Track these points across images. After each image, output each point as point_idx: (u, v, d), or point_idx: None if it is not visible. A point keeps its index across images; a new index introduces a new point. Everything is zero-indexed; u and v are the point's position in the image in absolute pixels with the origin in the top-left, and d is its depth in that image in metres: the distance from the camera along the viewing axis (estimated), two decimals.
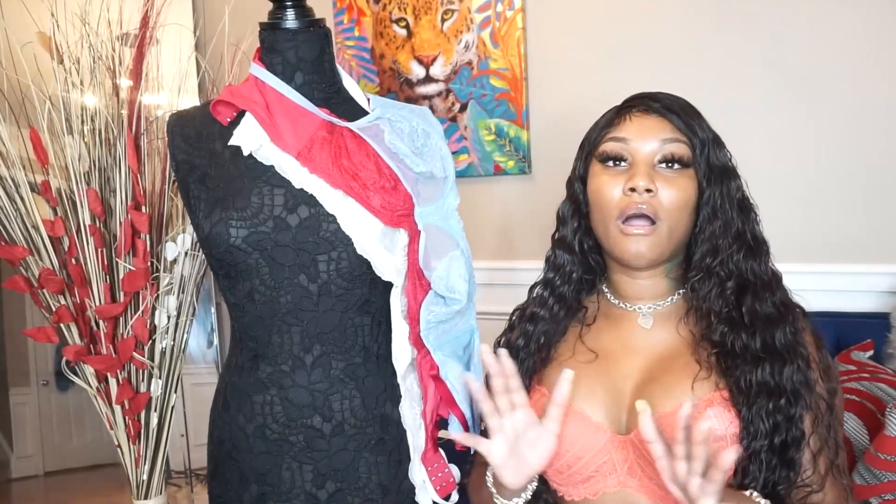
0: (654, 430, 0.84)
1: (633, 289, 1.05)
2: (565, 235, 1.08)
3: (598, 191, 1.01)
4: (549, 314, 1.07)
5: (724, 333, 0.97)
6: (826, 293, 1.70)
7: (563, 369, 0.93)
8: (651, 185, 0.96)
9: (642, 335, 1.03)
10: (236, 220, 1.07)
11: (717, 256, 0.99)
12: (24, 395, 3.71)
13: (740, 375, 0.93)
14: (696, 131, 0.99)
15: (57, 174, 1.49)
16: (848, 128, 1.71)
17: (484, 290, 1.30)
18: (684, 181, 0.98)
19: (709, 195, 0.98)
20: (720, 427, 0.92)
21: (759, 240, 1.02)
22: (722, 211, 0.99)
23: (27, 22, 1.59)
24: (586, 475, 0.98)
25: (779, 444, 0.91)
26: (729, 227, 0.99)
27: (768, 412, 0.91)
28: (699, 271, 1.00)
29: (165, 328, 1.51)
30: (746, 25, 1.79)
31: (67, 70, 1.51)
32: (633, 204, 0.97)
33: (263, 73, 1.13)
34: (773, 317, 0.97)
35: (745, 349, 0.95)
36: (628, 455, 0.96)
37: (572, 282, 1.08)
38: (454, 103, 2.17)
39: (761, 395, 0.92)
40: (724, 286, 0.98)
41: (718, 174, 0.99)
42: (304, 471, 1.12)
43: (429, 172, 1.14)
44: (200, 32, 2.13)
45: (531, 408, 0.98)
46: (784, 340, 0.96)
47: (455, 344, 1.14)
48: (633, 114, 1.00)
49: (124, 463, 1.53)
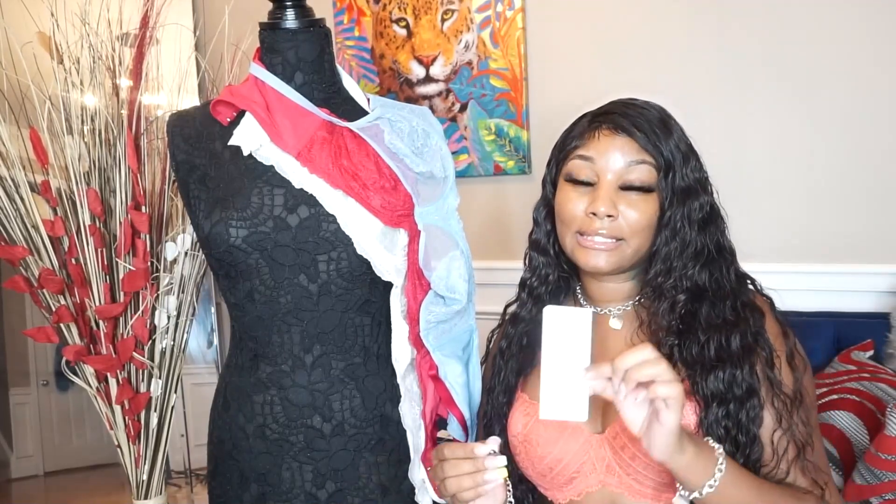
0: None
1: (601, 291, 1.06)
2: (539, 238, 1.09)
3: (562, 206, 1.02)
4: (529, 315, 1.08)
5: (672, 346, 0.98)
6: (826, 293, 1.70)
7: (492, 437, 0.94)
8: (612, 211, 0.98)
9: (613, 336, 1.04)
10: (236, 220, 1.07)
11: (669, 277, 1.00)
12: (24, 395, 3.71)
13: (694, 385, 0.95)
14: (663, 151, 0.99)
15: (57, 174, 1.49)
16: (848, 128, 1.71)
17: (483, 290, 1.30)
18: (646, 204, 0.99)
19: (669, 216, 0.99)
20: (685, 418, 0.93)
21: (723, 249, 1.03)
22: (680, 233, 0.99)
23: (27, 22, 1.59)
24: (568, 476, 1.00)
25: (735, 449, 0.93)
26: (686, 247, 1.00)
27: (718, 419, 0.93)
28: (651, 288, 1.01)
29: (165, 328, 1.51)
30: (746, 25, 1.79)
31: (67, 70, 1.51)
32: (592, 228, 0.98)
33: (263, 73, 1.13)
34: (729, 322, 0.98)
35: (699, 357, 0.96)
36: (605, 453, 0.98)
37: (549, 283, 1.09)
38: (454, 103, 2.17)
39: (713, 402, 0.94)
40: (675, 300, 0.99)
41: (682, 196, 1.00)
42: (304, 471, 1.12)
43: (429, 172, 1.14)
44: (200, 32, 2.13)
45: (515, 415, 1.03)
46: (740, 342, 0.96)
47: (455, 344, 1.15)
48: (602, 131, 1.01)
49: (124, 463, 1.54)
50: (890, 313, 1.65)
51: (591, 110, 1.05)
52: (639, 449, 0.93)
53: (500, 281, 1.80)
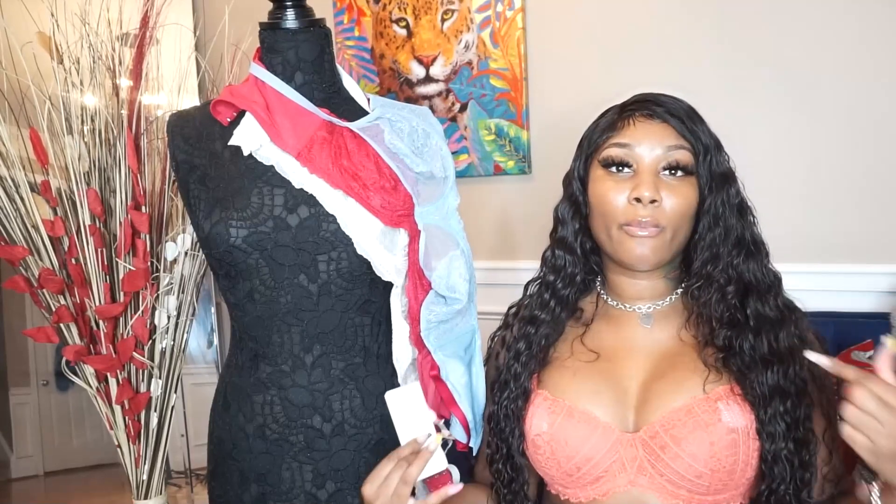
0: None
1: (633, 290, 1.05)
2: (565, 237, 1.07)
3: (601, 196, 1.00)
4: (551, 316, 1.07)
5: (728, 337, 0.97)
6: (826, 293, 1.69)
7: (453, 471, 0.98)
8: (656, 196, 0.96)
9: (644, 334, 1.03)
10: (236, 220, 1.07)
11: (717, 264, 0.99)
12: (24, 395, 3.70)
13: (753, 378, 0.94)
14: (700, 137, 0.99)
15: (57, 174, 1.49)
16: (848, 128, 1.71)
17: (484, 289, 1.30)
18: (687, 189, 0.98)
19: (710, 203, 0.99)
20: (732, 420, 0.93)
21: (758, 242, 1.02)
22: (723, 218, 0.99)
23: (27, 22, 1.59)
24: (596, 475, 0.98)
25: (794, 446, 0.92)
26: (729, 233, 0.99)
27: (781, 414, 0.92)
28: (699, 279, 1.00)
29: (165, 328, 1.51)
30: (747, 26, 1.79)
31: (67, 70, 1.51)
32: (637, 216, 0.97)
33: (263, 73, 1.13)
34: (776, 319, 0.97)
35: (752, 351, 0.95)
36: (637, 453, 0.96)
37: (575, 284, 1.07)
38: (454, 103, 2.17)
39: (774, 397, 0.93)
40: (725, 291, 0.98)
41: (719, 181, 0.99)
42: (304, 471, 1.12)
43: (429, 172, 1.14)
44: (200, 32, 2.13)
45: (531, 409, 1.02)
46: (788, 342, 0.96)
47: (456, 344, 1.14)
48: (636, 118, 1.00)
49: (124, 463, 1.53)
50: (890, 313, 1.65)
51: (617, 104, 1.04)
52: (683, 449, 0.93)
53: (500, 281, 1.80)
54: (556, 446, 0.99)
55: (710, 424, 0.93)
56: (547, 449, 1.00)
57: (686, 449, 0.93)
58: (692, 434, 0.93)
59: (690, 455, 0.92)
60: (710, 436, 0.92)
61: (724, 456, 0.92)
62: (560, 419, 1.00)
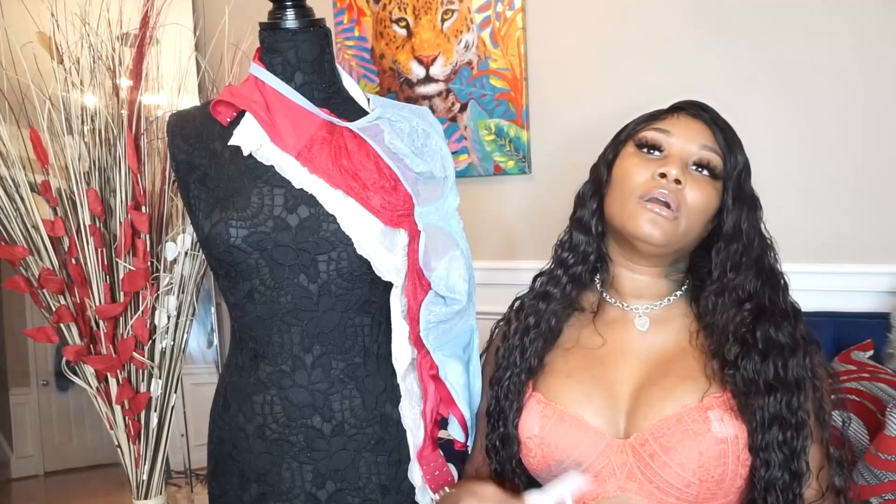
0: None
1: (633, 285, 1.05)
2: (583, 216, 1.08)
3: (626, 170, 1.01)
4: (562, 293, 1.07)
5: (738, 354, 0.96)
6: (826, 293, 1.70)
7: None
8: (682, 177, 0.97)
9: (638, 337, 1.03)
10: (236, 220, 1.07)
11: (737, 273, 0.99)
12: (24, 395, 3.70)
13: (754, 402, 0.93)
14: (735, 152, 1.01)
15: (57, 174, 1.49)
16: (848, 128, 1.71)
17: (484, 290, 1.30)
18: (710, 189, 0.99)
19: (735, 215, 0.99)
20: (722, 430, 0.92)
21: (777, 275, 1.02)
22: (746, 235, 0.99)
23: (27, 22, 1.59)
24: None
25: (789, 477, 0.92)
26: (750, 250, 1.00)
27: (780, 444, 0.92)
28: (718, 285, 1.00)
29: (165, 328, 1.51)
30: (746, 25, 1.79)
31: (67, 70, 1.51)
32: (657, 187, 0.97)
33: (263, 73, 1.13)
34: (787, 346, 0.97)
35: (756, 374, 0.95)
36: (627, 459, 0.96)
37: (588, 262, 1.07)
38: (454, 103, 2.17)
39: (773, 425, 0.92)
40: (742, 307, 0.98)
41: (748, 202, 1.01)
42: (304, 471, 1.12)
43: (429, 172, 1.14)
44: (200, 32, 2.14)
45: (531, 416, 1.01)
46: (797, 373, 0.95)
47: (455, 344, 1.14)
48: (682, 113, 1.02)
49: (124, 463, 1.54)
50: (890, 313, 1.65)
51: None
52: (671, 458, 0.93)
53: (500, 281, 1.80)
54: (546, 450, 1.00)
55: (700, 434, 0.92)
56: (538, 452, 1.00)
57: (675, 458, 0.92)
58: (681, 444, 0.93)
59: (679, 464, 0.92)
60: (699, 445, 0.92)
61: (713, 466, 0.92)
62: (551, 423, 1.00)
